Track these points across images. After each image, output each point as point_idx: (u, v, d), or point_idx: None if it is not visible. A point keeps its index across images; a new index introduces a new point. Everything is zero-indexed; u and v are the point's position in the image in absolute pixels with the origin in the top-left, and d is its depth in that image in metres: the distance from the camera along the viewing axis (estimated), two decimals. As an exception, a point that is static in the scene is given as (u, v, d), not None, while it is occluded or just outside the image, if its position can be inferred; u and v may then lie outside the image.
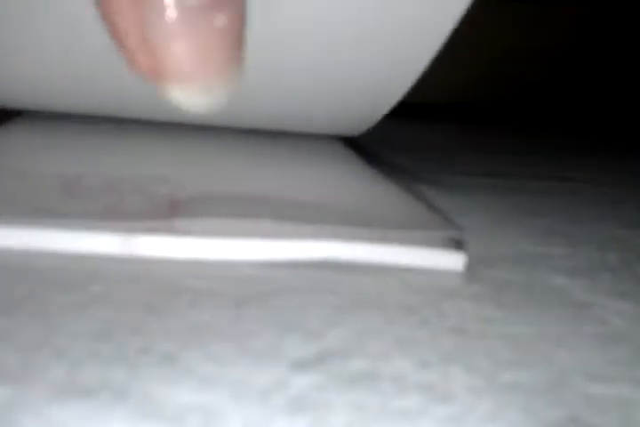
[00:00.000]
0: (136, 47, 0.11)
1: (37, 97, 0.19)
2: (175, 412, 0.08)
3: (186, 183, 0.16)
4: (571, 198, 0.22)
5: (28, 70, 0.18)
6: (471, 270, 0.14)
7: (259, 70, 0.18)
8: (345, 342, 0.10)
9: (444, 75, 0.40)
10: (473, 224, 0.17)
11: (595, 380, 0.10)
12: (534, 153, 0.30)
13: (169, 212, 0.14)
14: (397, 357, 0.10)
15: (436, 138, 0.32)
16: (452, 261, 0.14)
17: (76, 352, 0.09)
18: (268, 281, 0.12)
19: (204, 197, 0.15)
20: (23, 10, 0.16)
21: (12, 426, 0.08)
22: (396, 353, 0.10)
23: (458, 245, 0.14)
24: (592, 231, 0.18)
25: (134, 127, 0.22)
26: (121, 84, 0.18)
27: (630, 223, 0.19)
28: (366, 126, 0.22)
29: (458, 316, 0.12)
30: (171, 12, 0.10)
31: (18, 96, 0.19)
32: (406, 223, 0.14)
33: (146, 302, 0.11)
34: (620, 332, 0.12)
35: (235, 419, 0.08)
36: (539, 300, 0.13)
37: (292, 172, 0.18)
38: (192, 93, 0.11)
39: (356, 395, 0.09)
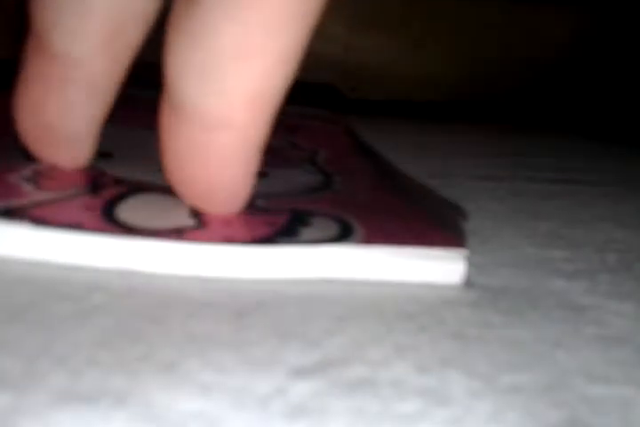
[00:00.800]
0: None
1: None
2: (175, 419, 0.08)
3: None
4: (570, 201, 0.22)
5: None
6: (470, 275, 0.14)
7: None
8: (344, 350, 0.10)
9: (441, 73, 0.40)
10: (471, 228, 0.17)
11: (594, 381, 0.10)
12: (532, 155, 0.30)
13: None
14: (397, 362, 0.10)
15: (433, 139, 0.32)
16: (451, 275, 0.14)
17: (77, 360, 0.09)
18: (268, 292, 0.12)
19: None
20: None
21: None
22: (396, 359, 0.10)
23: (459, 257, 0.14)
24: (592, 233, 0.18)
25: None
26: None
27: (630, 225, 0.19)
28: None
29: (457, 321, 0.12)
30: None
31: None
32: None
33: (146, 312, 0.11)
34: (620, 333, 0.12)
35: (235, 426, 0.08)
36: (538, 303, 0.13)
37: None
38: None
39: (355, 401, 0.09)
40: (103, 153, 0.17)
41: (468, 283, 0.14)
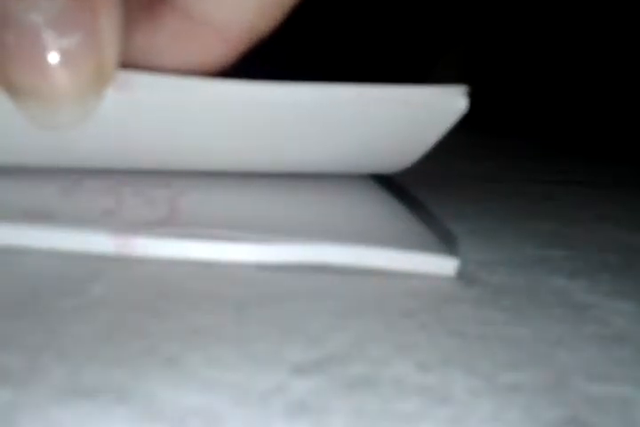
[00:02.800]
0: None
1: None
2: (176, 414, 0.08)
3: (187, 189, 0.16)
4: (569, 201, 0.22)
5: None
6: (471, 274, 0.14)
7: None
8: (345, 347, 0.10)
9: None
10: (472, 228, 0.17)
11: (595, 380, 0.10)
12: (531, 156, 0.30)
13: (169, 216, 0.14)
14: (397, 360, 0.10)
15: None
16: (445, 265, 0.14)
17: (78, 354, 0.09)
18: (269, 285, 0.12)
19: (204, 203, 0.15)
20: None
21: (13, 428, 0.08)
22: (396, 357, 0.10)
23: (451, 250, 0.14)
24: (591, 233, 0.18)
25: None
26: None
27: (629, 225, 0.19)
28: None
29: (457, 319, 0.12)
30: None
31: None
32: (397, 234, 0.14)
33: (147, 305, 0.11)
34: (620, 332, 0.12)
35: (235, 422, 0.08)
36: (539, 302, 0.13)
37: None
38: (45, 109, 0.12)
39: (356, 399, 0.09)
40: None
41: (468, 281, 0.14)
